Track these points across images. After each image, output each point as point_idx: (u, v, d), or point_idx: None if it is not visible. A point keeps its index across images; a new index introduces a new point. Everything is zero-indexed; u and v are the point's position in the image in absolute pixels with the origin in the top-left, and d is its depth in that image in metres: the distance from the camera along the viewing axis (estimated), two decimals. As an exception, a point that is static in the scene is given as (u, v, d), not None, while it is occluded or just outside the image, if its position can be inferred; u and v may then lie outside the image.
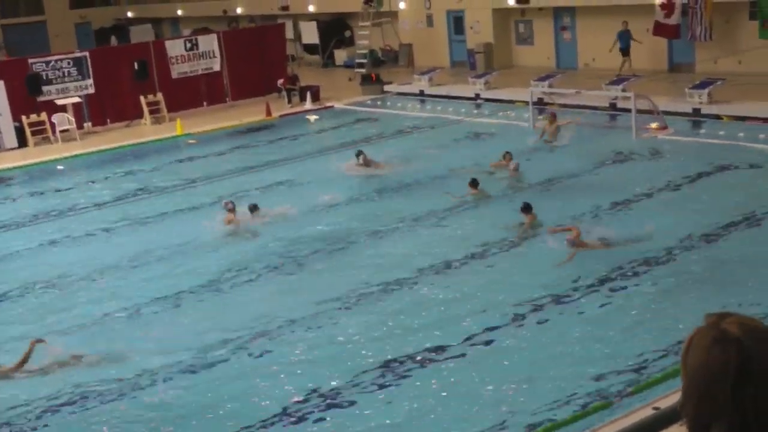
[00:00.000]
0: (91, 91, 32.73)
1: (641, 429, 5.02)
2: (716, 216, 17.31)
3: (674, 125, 25.09)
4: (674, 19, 31.18)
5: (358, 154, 23.47)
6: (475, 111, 31.17)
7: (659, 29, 31.83)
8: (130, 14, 61.24)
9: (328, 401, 11.41)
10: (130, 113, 33.45)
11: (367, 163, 23.37)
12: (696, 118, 26.09)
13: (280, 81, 35.33)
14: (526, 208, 17.49)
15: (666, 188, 19.76)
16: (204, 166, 26.29)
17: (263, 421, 11.05)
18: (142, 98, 33.14)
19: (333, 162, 24.57)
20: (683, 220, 17.27)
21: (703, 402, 2.45)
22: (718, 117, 25.65)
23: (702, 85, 26.82)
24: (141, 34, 52.62)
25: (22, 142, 30.55)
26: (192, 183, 23.97)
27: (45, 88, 31.52)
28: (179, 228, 20.02)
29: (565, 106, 28.42)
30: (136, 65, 33.20)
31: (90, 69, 32.67)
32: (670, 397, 9.10)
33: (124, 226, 20.75)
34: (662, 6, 31.24)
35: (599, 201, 19.00)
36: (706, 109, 26.10)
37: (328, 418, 11.05)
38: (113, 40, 54.50)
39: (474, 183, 20.18)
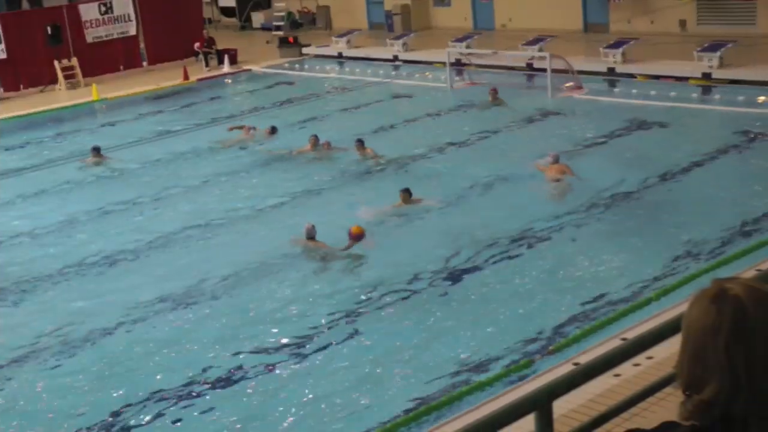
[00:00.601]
0: (3, 56, 32.03)
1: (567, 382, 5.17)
2: (633, 172, 17.71)
3: (590, 85, 25.47)
4: (589, -20, 31.54)
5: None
6: (394, 73, 31.25)
7: (574, -10, 32.17)
8: (40, -23, 59.92)
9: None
10: (44, 78, 32.83)
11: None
12: (611, 77, 26.51)
13: (197, 44, 34.97)
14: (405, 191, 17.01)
15: (581, 145, 20.10)
16: (119, 131, 25.96)
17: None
18: (56, 63, 32.56)
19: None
20: (598, 177, 17.61)
21: (696, 360, 2.45)
22: (632, 76, 26.09)
23: (616, 45, 27.22)
24: (53, -2, 51.45)
25: (-68, 109, 29.90)
26: (106, 149, 23.55)
27: (-46, 54, 30.83)
28: (94, 198, 19.79)
29: (482, 66, 28.65)
30: (49, 30, 32.57)
31: (1, 34, 31.98)
32: (589, 352, 9.41)
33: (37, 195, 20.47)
34: (577, -34, 31.56)
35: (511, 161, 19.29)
36: (620, 69, 26.52)
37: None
38: (25, 4, 53.23)
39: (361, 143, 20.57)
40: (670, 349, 4.71)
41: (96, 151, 22.28)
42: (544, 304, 12.46)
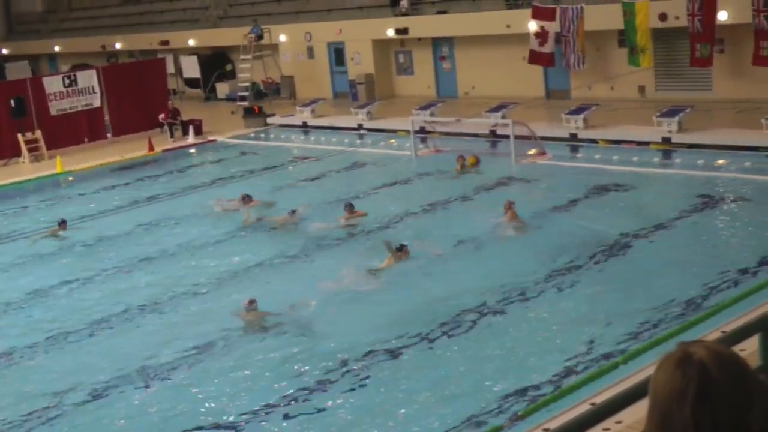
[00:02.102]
0: (-34, 129, 32.02)
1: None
2: (597, 236, 17.87)
3: (553, 150, 25.75)
4: (548, 48, 32.01)
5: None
6: (359, 141, 31.46)
7: (534, 57, 32.63)
8: (5, 51, 59.93)
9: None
10: (7, 151, 32.71)
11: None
12: (573, 142, 26.82)
13: (162, 116, 35.05)
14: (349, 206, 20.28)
15: (546, 210, 20.26)
16: (84, 203, 25.87)
17: None
18: (20, 136, 32.49)
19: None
20: (562, 241, 17.75)
21: (663, 424, 2.47)
22: (594, 141, 26.42)
23: (578, 111, 27.58)
24: (18, 71, 51.54)
25: None
26: (72, 222, 23.40)
27: None
28: (54, 271, 19.66)
29: (446, 134, 28.90)
30: (12, 102, 32.58)
31: (-36, 107, 31.97)
32: (559, 417, 9.42)
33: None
34: (537, 35, 32.06)
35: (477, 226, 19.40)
36: (582, 134, 26.86)
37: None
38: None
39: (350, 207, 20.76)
40: (639, 413, 4.76)
41: (62, 223, 22.18)
42: (511, 370, 12.46)
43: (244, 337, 14.65)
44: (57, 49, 55.20)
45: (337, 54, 40.66)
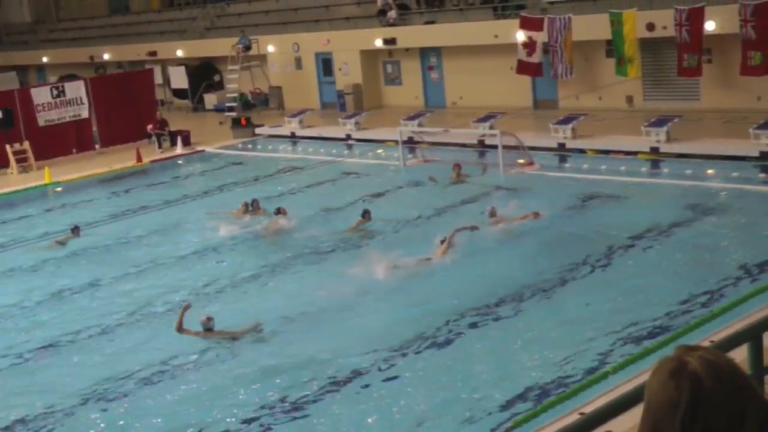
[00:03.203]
0: (-46, 141, 31.91)
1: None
2: (586, 245, 17.89)
3: (541, 160, 25.78)
4: (536, 58, 32.10)
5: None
6: (347, 152, 31.45)
7: (522, 67, 32.71)
8: (-8, 62, 59.87)
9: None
10: (-5, 163, 32.69)
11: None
12: (561, 152, 26.86)
13: (150, 126, 34.99)
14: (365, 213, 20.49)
15: (534, 220, 20.26)
16: (72, 214, 25.79)
17: None
18: (7, 147, 32.40)
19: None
20: (551, 251, 17.76)
21: (657, 431, 2.46)
22: (582, 151, 26.46)
23: (565, 121, 27.64)
24: (5, 82, 51.39)
25: None
26: (59, 233, 23.30)
27: None
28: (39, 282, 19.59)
29: (434, 144, 28.93)
30: (0, 113, 32.48)
31: (-49, 119, 31.86)
32: (548, 427, 9.42)
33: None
34: (524, 45, 32.13)
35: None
36: (570, 144, 26.91)
37: None
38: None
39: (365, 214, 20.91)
40: (628, 422, 4.75)
41: (75, 229, 22.40)
42: (500, 381, 12.44)
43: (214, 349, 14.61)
44: (45, 59, 55.13)
45: (325, 64, 40.68)
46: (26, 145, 32.84)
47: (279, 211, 22.04)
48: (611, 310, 14.58)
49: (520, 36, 32.08)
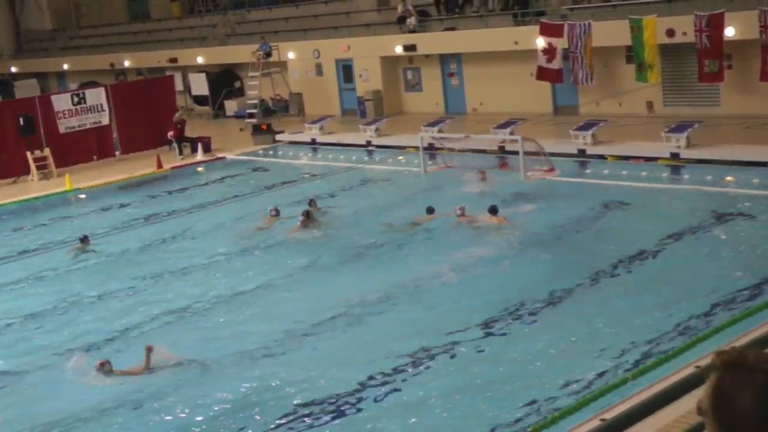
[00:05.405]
0: (-25, 148, 32.10)
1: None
2: (607, 251, 17.86)
3: (561, 166, 25.73)
4: (556, 64, 32.06)
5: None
6: (367, 158, 31.48)
7: (542, 73, 32.68)
8: (14, 69, 60.18)
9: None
10: (16, 169, 32.80)
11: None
12: (582, 158, 26.81)
13: (170, 133, 35.08)
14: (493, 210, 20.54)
15: (555, 226, 20.23)
16: (93, 220, 25.92)
17: None
18: (28, 154, 32.58)
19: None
20: (573, 257, 17.74)
21: None
22: (602, 157, 26.40)
23: (586, 127, 27.58)
24: (26, 89, 51.72)
25: None
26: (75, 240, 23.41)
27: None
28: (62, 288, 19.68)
29: (454, 150, 28.92)
30: (21, 120, 32.64)
31: (-27, 125, 32.04)
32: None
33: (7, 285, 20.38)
34: (544, 51, 32.10)
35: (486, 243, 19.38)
36: (591, 150, 26.85)
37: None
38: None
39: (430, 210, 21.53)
40: (648, 428, 4.76)
41: (84, 239, 22.40)
42: (520, 386, 12.42)
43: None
44: (66, 66, 55.41)
45: (346, 71, 40.74)
46: (47, 152, 32.97)
47: (311, 204, 22.64)
48: (631, 315, 14.53)
49: (540, 42, 32.05)
